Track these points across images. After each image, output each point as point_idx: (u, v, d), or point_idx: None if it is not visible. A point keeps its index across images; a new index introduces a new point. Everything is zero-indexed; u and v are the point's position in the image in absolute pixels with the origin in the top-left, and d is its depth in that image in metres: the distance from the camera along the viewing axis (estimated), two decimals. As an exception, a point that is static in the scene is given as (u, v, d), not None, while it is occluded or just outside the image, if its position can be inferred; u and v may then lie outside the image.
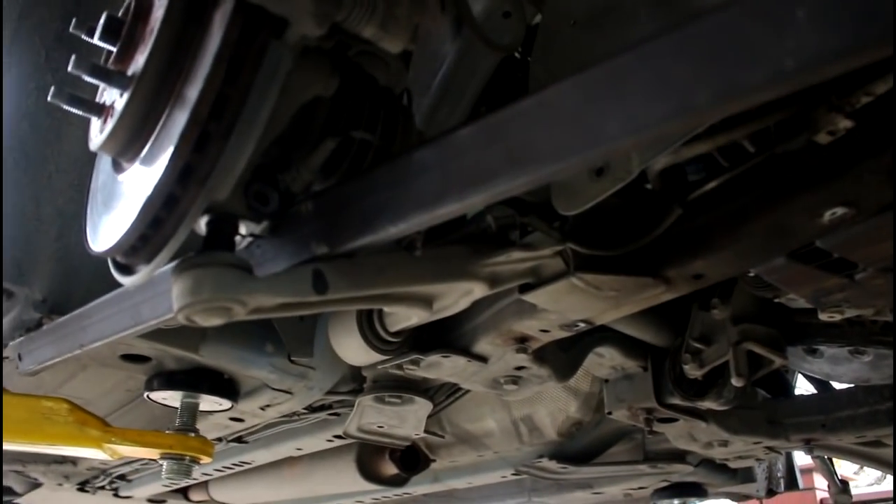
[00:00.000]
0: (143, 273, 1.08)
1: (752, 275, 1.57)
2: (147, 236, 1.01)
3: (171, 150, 0.93)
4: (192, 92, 0.93)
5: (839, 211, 1.14)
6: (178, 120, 0.94)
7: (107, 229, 1.08)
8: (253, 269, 1.05)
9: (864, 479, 8.30)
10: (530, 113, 0.83)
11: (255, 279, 1.04)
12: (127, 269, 1.13)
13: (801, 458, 3.09)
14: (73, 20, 1.09)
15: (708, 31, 0.67)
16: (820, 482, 6.84)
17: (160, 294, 1.27)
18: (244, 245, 1.18)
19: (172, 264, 1.06)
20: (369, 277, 1.19)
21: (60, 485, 3.32)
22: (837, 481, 2.88)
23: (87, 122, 1.14)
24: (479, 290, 1.38)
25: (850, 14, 0.57)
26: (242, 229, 1.15)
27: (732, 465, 2.61)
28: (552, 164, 0.80)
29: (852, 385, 2.09)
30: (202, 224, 1.11)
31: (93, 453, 2.05)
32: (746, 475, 2.95)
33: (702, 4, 1.02)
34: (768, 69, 0.62)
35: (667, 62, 0.69)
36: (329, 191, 1.13)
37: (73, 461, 3.11)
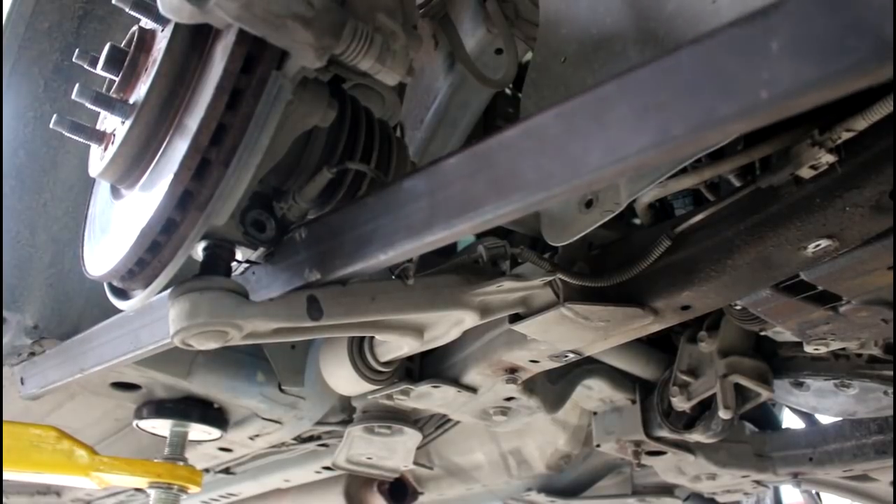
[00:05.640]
0: (139, 298, 1.09)
1: (738, 307, 1.59)
2: (145, 261, 1.02)
3: (171, 176, 0.95)
4: (193, 120, 0.95)
5: (822, 243, 1.17)
6: (179, 147, 0.96)
7: (104, 254, 1.09)
8: (249, 295, 1.06)
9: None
10: (515, 143, 0.85)
11: (251, 304, 1.05)
12: (123, 294, 1.14)
13: (789, 496, 3.09)
14: (77, 51, 1.12)
15: (685, 63, 0.68)
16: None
17: (159, 319, 1.27)
18: (240, 271, 1.20)
19: (170, 290, 1.07)
20: (363, 304, 1.21)
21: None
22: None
23: (83, 151, 1.16)
24: (469, 320, 1.39)
25: (822, 47, 0.59)
26: (239, 255, 1.17)
27: (720, 498, 2.60)
28: (537, 193, 0.82)
29: (840, 419, 2.11)
30: (199, 250, 1.12)
31: (80, 482, 2.04)
32: (735, 510, 2.94)
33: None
34: (744, 101, 0.64)
35: (646, 94, 0.71)
36: (322, 219, 1.14)
37: (58, 492, 3.08)
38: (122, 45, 1.09)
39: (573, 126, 0.78)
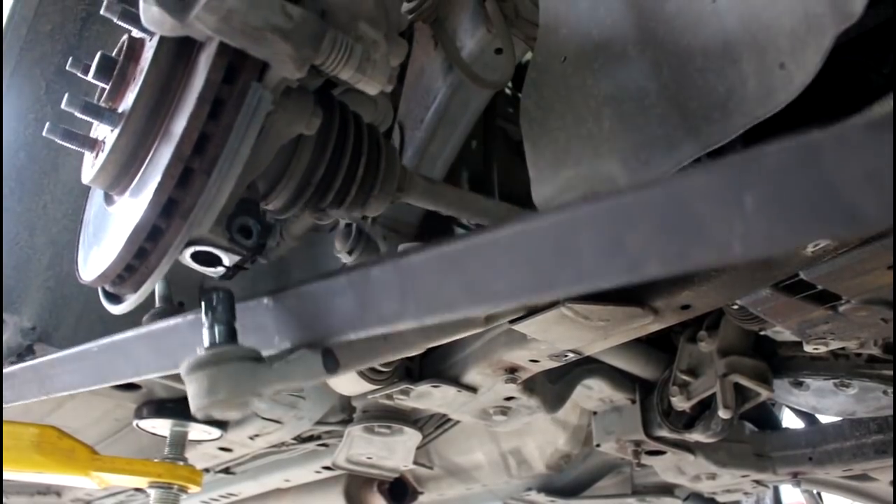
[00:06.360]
0: (129, 302, 1.11)
1: (738, 307, 1.59)
2: (133, 266, 1.03)
3: (155, 184, 0.96)
4: (178, 129, 0.96)
5: (822, 242, 1.17)
6: (165, 155, 0.97)
7: (96, 259, 1.10)
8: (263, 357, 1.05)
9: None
10: (487, 251, 0.84)
11: (268, 369, 1.03)
12: (116, 299, 1.15)
13: (789, 496, 3.09)
14: (70, 58, 1.13)
15: (662, 203, 0.67)
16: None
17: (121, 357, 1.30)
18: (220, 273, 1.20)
19: (183, 364, 1.04)
20: (377, 346, 1.20)
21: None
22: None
23: (83, 154, 1.17)
24: (473, 329, 1.40)
25: (796, 209, 0.58)
26: (226, 261, 1.18)
27: (720, 498, 2.61)
28: (508, 301, 0.82)
29: (839, 419, 2.11)
30: (186, 256, 1.13)
31: (80, 482, 2.04)
32: (734, 510, 2.94)
33: (688, 43, 1.05)
34: (716, 250, 0.63)
35: (621, 227, 0.70)
36: (290, 290, 1.14)
37: (58, 492, 3.08)
38: (113, 54, 1.10)
39: (546, 246, 0.77)
